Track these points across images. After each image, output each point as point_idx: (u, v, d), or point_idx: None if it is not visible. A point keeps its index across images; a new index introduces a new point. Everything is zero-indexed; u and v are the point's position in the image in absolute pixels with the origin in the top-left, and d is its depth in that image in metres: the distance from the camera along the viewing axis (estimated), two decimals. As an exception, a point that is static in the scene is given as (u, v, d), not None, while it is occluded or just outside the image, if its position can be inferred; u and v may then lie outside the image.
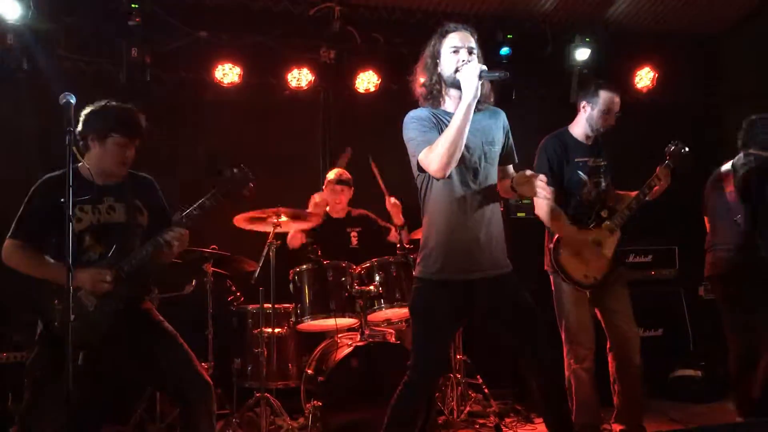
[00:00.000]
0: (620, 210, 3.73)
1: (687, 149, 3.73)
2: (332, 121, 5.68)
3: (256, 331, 4.14)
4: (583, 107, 3.80)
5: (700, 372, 4.96)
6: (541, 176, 2.82)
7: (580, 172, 3.74)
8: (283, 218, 3.96)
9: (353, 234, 4.84)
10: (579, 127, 3.84)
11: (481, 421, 4.42)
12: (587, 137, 3.82)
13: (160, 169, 3.73)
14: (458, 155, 2.70)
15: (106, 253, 2.97)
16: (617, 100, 3.75)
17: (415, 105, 2.97)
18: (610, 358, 3.80)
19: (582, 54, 5.91)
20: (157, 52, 5.02)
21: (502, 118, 3.04)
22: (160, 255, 3.05)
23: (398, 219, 4.56)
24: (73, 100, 2.64)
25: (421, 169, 2.81)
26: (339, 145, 5.42)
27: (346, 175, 4.79)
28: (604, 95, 3.72)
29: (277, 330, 4.15)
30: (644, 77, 6.25)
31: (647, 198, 3.72)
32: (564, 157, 3.76)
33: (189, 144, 5.25)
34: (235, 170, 3.11)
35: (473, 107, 2.69)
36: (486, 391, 4.59)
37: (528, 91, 5.93)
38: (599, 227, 3.73)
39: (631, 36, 6.15)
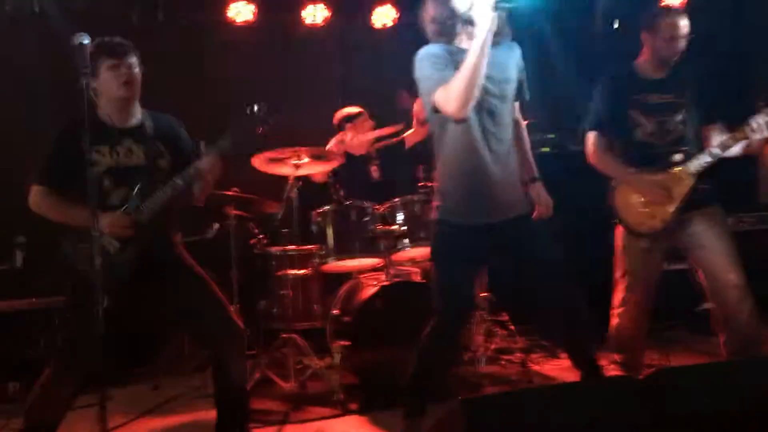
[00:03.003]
0: (700, 155, 3.27)
1: None
2: (350, 58, 5.54)
3: (280, 273, 4.13)
4: (645, 38, 3.42)
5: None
6: None
7: (633, 111, 3.38)
8: (304, 159, 3.88)
9: (374, 168, 4.75)
10: (645, 60, 3.46)
11: (506, 358, 4.44)
12: (656, 69, 3.43)
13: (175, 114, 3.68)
14: (476, 94, 2.58)
15: (127, 197, 2.93)
16: (680, 22, 3.32)
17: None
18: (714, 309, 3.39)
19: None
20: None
21: (517, 53, 2.90)
22: (189, 194, 3.03)
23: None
24: (86, 41, 2.57)
25: (436, 110, 2.71)
26: (357, 82, 5.33)
27: (360, 114, 4.68)
28: (663, 20, 3.33)
29: (301, 271, 4.13)
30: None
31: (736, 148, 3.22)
32: (613, 96, 3.44)
33: (204, 87, 5.16)
34: (255, 107, 3.04)
35: (489, 41, 2.55)
36: (512, 327, 4.58)
37: (549, 21, 5.73)
38: (666, 171, 3.33)
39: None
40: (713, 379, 2.52)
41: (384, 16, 5.54)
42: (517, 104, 2.97)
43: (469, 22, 2.69)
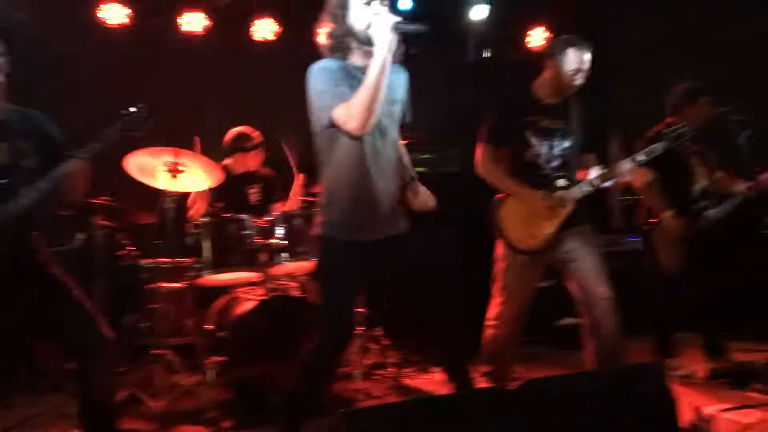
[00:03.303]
0: (578, 185, 3.52)
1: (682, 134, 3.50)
2: (229, 70, 5.47)
3: (152, 286, 3.97)
4: (550, 64, 3.57)
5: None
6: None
7: (526, 132, 3.53)
8: (182, 166, 3.75)
9: (252, 190, 4.70)
10: (543, 85, 3.62)
11: (380, 373, 4.50)
12: (552, 95, 3.59)
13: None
14: (377, 112, 2.64)
15: None
16: (587, 57, 3.50)
17: (314, 56, 2.87)
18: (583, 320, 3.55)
19: (479, 12, 5.98)
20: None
21: (404, 77, 2.99)
22: (58, 194, 2.87)
23: (295, 200, 4.45)
24: None
25: (330, 125, 2.72)
26: (237, 96, 5.28)
27: (257, 138, 4.58)
28: (572, 52, 3.48)
29: (174, 285, 3.99)
30: (538, 37, 6.42)
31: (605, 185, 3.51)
32: (509, 115, 3.58)
33: (75, 90, 4.90)
34: (131, 110, 2.95)
35: (389, 61, 2.61)
36: (385, 343, 4.65)
37: (426, 48, 5.94)
38: (551, 194, 3.52)
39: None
40: (579, 387, 2.69)
41: (264, 29, 5.51)
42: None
43: (365, 40, 2.74)
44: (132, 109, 2.95)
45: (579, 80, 3.52)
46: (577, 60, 3.48)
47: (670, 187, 4.21)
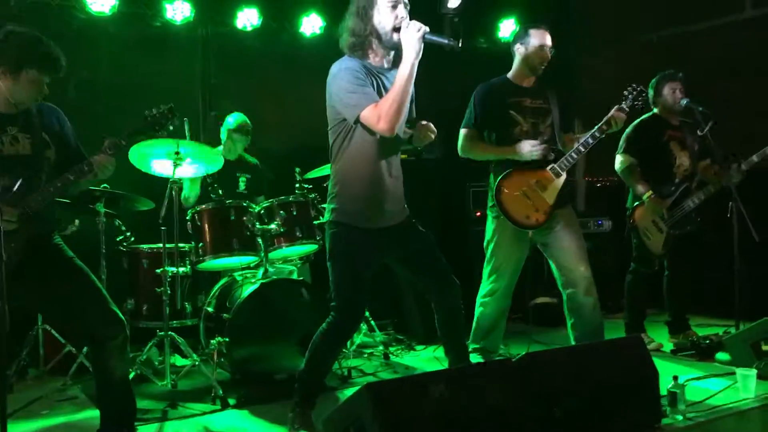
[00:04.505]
0: (567, 154, 3.79)
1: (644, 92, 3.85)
2: (212, 59, 5.53)
3: (153, 271, 4.07)
4: (517, 50, 3.91)
5: (556, 299, 5.53)
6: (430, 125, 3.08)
7: (512, 111, 3.83)
8: (182, 156, 3.84)
9: (242, 179, 4.83)
10: (516, 71, 3.94)
11: (369, 352, 4.71)
12: (526, 79, 3.92)
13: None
14: (406, 114, 2.82)
15: (10, 187, 2.81)
16: (547, 35, 3.86)
17: (292, 47, 2.95)
18: (564, 298, 3.87)
19: (454, 1, 6.16)
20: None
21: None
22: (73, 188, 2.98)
23: None
24: None
25: (356, 121, 2.86)
26: (220, 83, 5.35)
27: (247, 125, 4.74)
28: (534, 32, 3.85)
29: (176, 269, 4.07)
30: (507, 28, 6.64)
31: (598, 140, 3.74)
32: (492, 99, 3.86)
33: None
34: (155, 111, 3.08)
35: (416, 68, 2.76)
36: (371, 323, 4.84)
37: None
38: (543, 169, 3.80)
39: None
40: (574, 359, 2.95)
41: (247, 18, 5.54)
42: None
43: (387, 42, 2.90)
44: (156, 110, 3.05)
45: (546, 56, 3.85)
46: (540, 36, 3.84)
47: (650, 171, 4.48)
